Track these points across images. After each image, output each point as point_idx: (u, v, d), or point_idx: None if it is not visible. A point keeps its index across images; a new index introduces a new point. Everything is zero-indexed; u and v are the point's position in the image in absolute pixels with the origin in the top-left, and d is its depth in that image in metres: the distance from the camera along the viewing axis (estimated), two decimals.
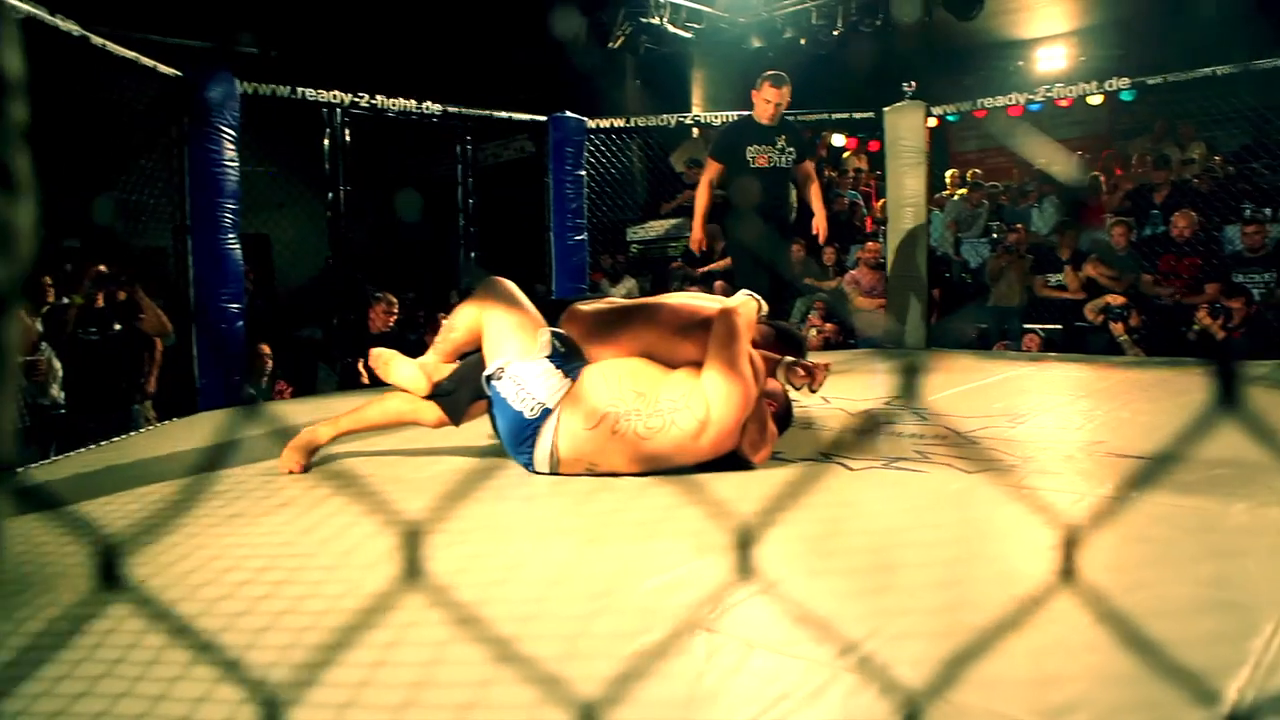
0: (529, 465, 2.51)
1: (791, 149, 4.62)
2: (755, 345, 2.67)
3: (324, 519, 2.23)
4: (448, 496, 2.42)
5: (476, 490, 2.43)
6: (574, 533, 2.03)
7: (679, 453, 2.40)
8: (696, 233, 4.74)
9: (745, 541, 0.65)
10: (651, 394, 2.40)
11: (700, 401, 2.37)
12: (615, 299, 2.89)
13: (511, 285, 2.68)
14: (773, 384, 2.62)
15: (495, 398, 2.53)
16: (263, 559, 1.90)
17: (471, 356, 2.70)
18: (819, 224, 4.72)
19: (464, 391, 2.67)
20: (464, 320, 2.68)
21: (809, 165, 4.74)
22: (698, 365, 2.47)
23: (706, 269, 7.85)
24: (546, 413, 2.43)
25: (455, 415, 2.71)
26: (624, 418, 2.39)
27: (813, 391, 2.69)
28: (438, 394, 2.70)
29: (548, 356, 2.52)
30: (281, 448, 2.81)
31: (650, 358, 2.56)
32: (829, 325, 7.08)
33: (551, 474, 2.49)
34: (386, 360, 2.75)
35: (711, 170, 4.67)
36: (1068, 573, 0.63)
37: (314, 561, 1.87)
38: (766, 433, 2.47)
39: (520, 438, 2.48)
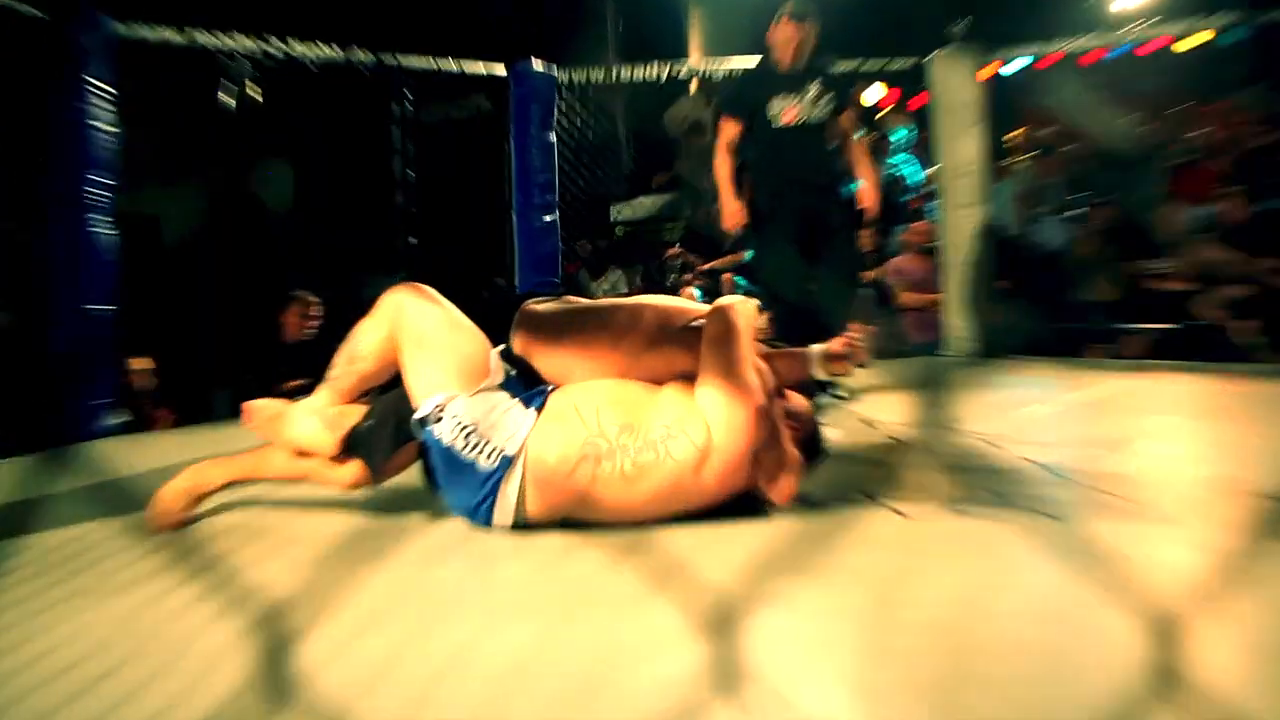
0: (486, 524, 2.44)
1: (828, 96, 4.46)
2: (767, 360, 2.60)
3: (178, 605, 2.11)
4: (368, 558, 2.34)
5: (407, 549, 2.36)
6: (541, 607, 1.95)
7: (677, 491, 2.35)
8: (729, 206, 4.55)
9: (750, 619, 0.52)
10: (640, 424, 2.36)
11: (698, 424, 2.34)
12: (571, 298, 2.79)
13: (432, 291, 2.61)
14: (793, 400, 2.55)
15: (434, 447, 2.43)
16: (82, 652, 1.78)
17: (388, 393, 2.61)
18: (866, 195, 4.58)
19: (383, 436, 2.57)
20: (370, 343, 2.56)
21: (848, 117, 4.60)
22: (690, 380, 2.45)
23: (710, 265, 7.76)
24: (508, 462, 2.36)
25: (376, 467, 2.61)
26: (606, 458, 2.34)
27: (859, 366, 2.72)
28: (352, 448, 2.60)
29: (501, 385, 2.46)
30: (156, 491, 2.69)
31: (632, 374, 2.52)
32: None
33: (515, 527, 2.42)
34: (272, 417, 2.63)
35: (729, 131, 4.52)
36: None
37: (144, 662, 1.75)
38: (787, 460, 2.39)
39: (474, 496, 2.40)
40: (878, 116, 9.63)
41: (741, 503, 2.42)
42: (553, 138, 6.71)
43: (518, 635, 1.80)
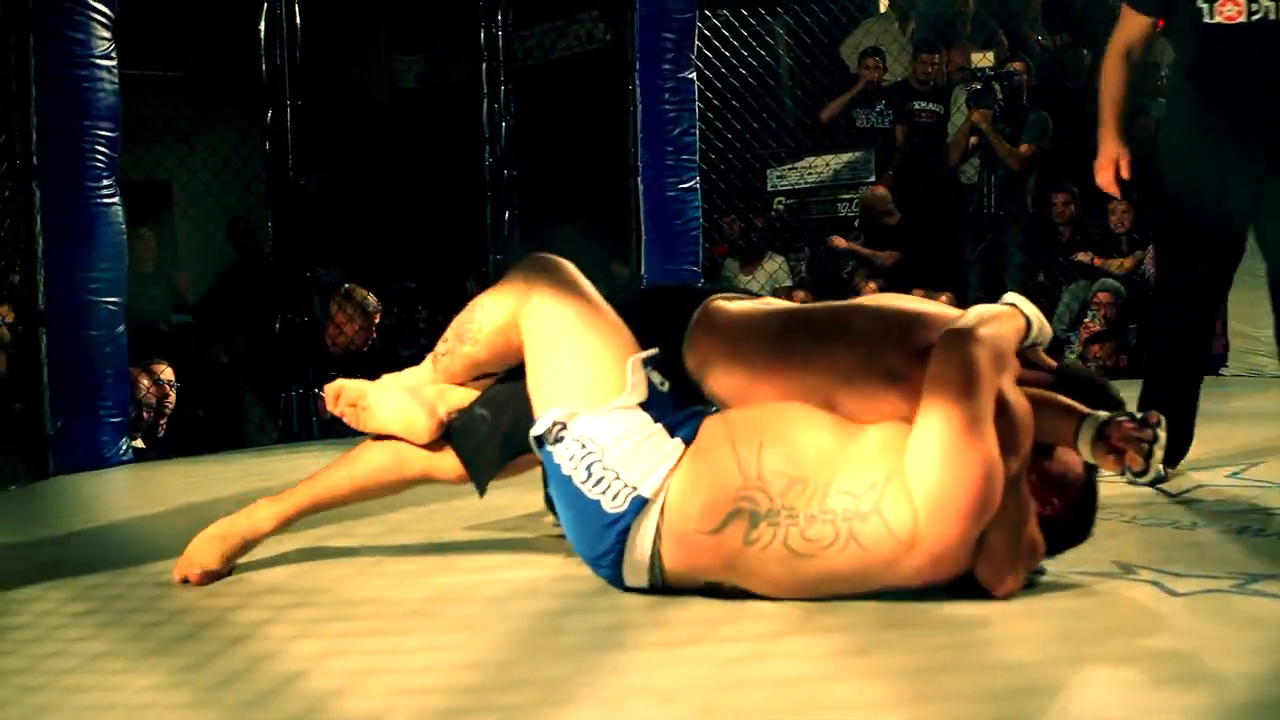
0: (614, 580, 2.50)
1: None
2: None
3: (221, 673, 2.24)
4: (454, 628, 2.42)
5: (508, 620, 2.44)
6: (677, 695, 1.99)
7: (863, 581, 2.36)
8: (1108, 149, 3.98)
9: None
10: (819, 481, 2.32)
11: (902, 501, 2.27)
12: (767, 298, 2.83)
13: (575, 271, 2.66)
14: (1062, 463, 2.48)
15: (552, 473, 2.51)
16: None
17: (510, 382, 2.70)
18: None
19: (493, 440, 2.66)
20: (491, 322, 2.66)
21: None
22: (904, 423, 2.38)
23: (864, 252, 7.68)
24: (641, 504, 2.40)
25: (480, 473, 2.73)
26: (766, 520, 2.33)
27: (1138, 476, 2.51)
28: (453, 434, 2.72)
29: (643, 404, 2.48)
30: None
31: (828, 405, 2.47)
32: (1099, 345, 6.87)
33: (651, 589, 2.47)
34: (357, 397, 2.77)
35: (1131, 27, 3.95)
36: None
37: None
38: (1022, 548, 2.35)
39: (598, 544, 2.46)
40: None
41: None
42: (692, 77, 6.78)
43: None
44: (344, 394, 2.80)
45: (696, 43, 6.84)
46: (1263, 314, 5.83)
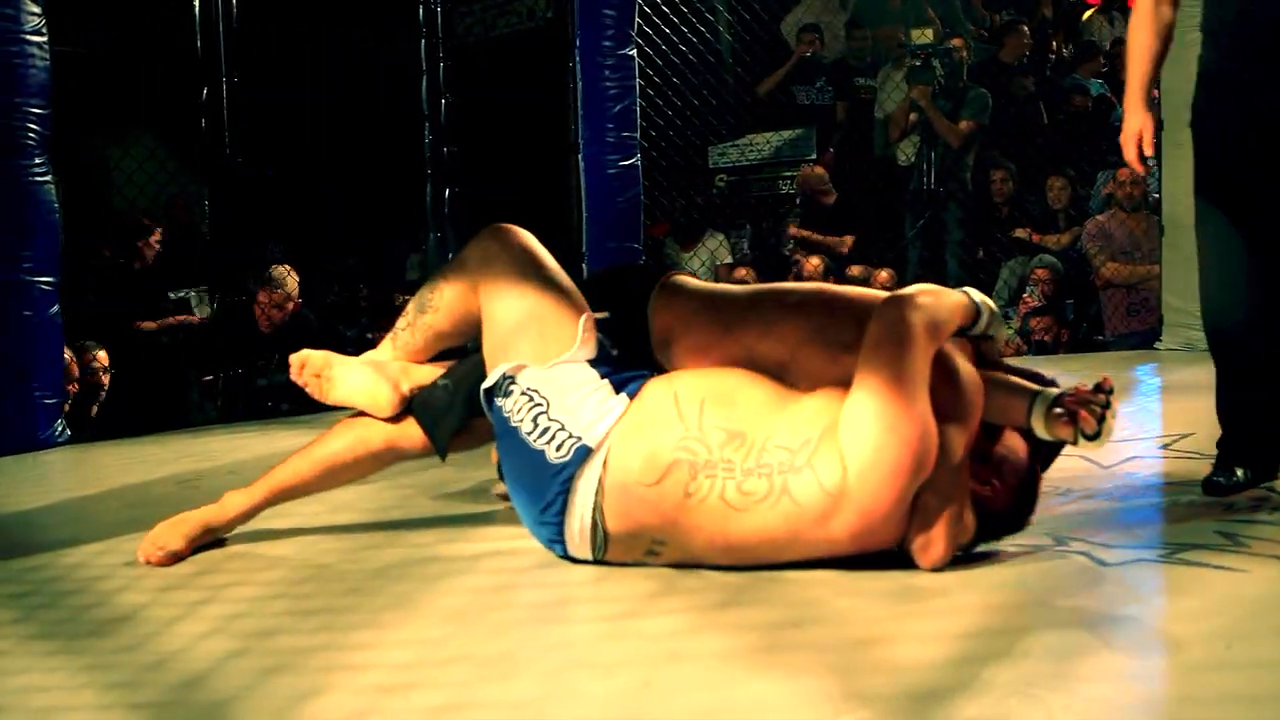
0: (558, 545, 2.53)
1: None
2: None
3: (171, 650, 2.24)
4: (394, 605, 2.42)
5: (448, 596, 2.45)
6: (616, 668, 2.01)
7: (794, 541, 2.38)
8: (1133, 120, 3.42)
9: None
10: (755, 436, 2.37)
11: (834, 457, 2.31)
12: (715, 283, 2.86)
13: (531, 238, 2.72)
14: (1008, 447, 2.50)
15: (500, 425, 2.55)
16: None
17: (474, 356, 2.73)
18: None
19: (455, 400, 2.69)
20: (448, 293, 2.70)
21: None
22: (845, 388, 2.41)
23: (824, 241, 7.69)
24: (585, 453, 2.43)
25: (440, 437, 2.75)
26: (704, 471, 2.36)
27: (1091, 439, 2.52)
28: (417, 407, 2.75)
29: (590, 361, 2.53)
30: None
31: (783, 371, 2.52)
32: (1040, 318, 6.95)
33: (595, 561, 2.50)
34: (322, 367, 2.78)
35: None
36: None
37: None
38: (949, 521, 2.38)
39: (541, 496, 2.48)
40: (1084, 18, 9.56)
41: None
42: (633, 54, 6.78)
43: (585, 705, 1.88)
44: (309, 364, 2.80)
45: (637, 19, 6.83)
46: (1196, 289, 5.93)
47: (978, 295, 2.56)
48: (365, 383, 2.75)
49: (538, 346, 2.54)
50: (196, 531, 2.80)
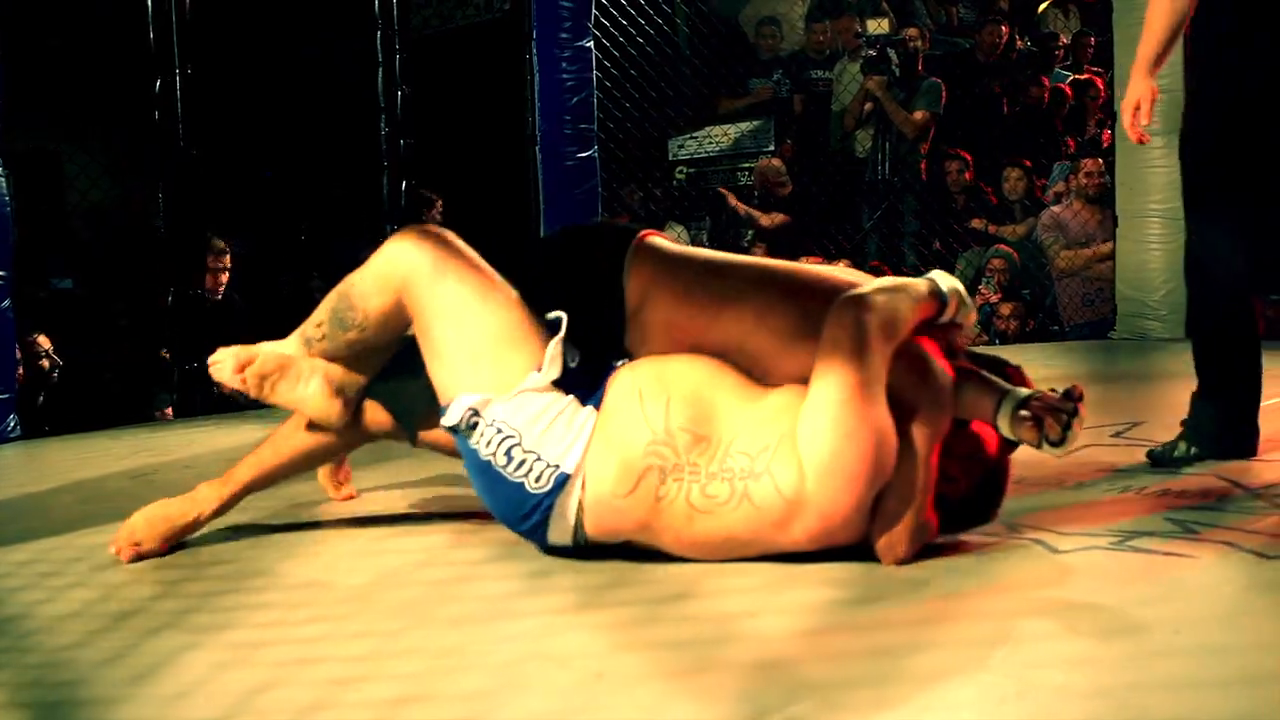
0: (540, 543, 2.53)
1: None
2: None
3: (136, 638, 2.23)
4: (347, 598, 2.42)
5: (401, 589, 2.46)
6: (569, 660, 2.02)
7: (754, 542, 2.40)
8: (1133, 88, 3.39)
9: None
10: (720, 439, 2.38)
11: (791, 464, 2.31)
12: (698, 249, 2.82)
13: (454, 239, 2.61)
14: (978, 440, 2.50)
15: (470, 457, 2.52)
16: None
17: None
18: None
19: (423, 386, 2.60)
20: (370, 311, 2.59)
21: None
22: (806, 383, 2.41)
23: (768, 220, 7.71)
24: (564, 480, 2.42)
25: (411, 428, 2.75)
26: (673, 475, 2.38)
27: (1055, 445, 2.53)
28: (383, 393, 2.73)
29: (555, 381, 2.48)
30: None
31: (739, 362, 2.51)
32: (1009, 304, 7.01)
33: (575, 545, 2.50)
34: (271, 371, 2.69)
35: None
36: None
37: None
38: (913, 522, 2.38)
39: (524, 520, 2.49)
40: (1040, 9, 9.60)
41: None
42: (589, 45, 6.78)
43: (541, 697, 1.88)
44: (258, 365, 2.68)
45: (594, 11, 6.82)
46: (1149, 279, 6.00)
47: (945, 281, 2.53)
48: (316, 395, 2.67)
49: (497, 373, 2.47)
50: (174, 530, 2.76)
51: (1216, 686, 1.78)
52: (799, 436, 2.31)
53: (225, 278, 6.06)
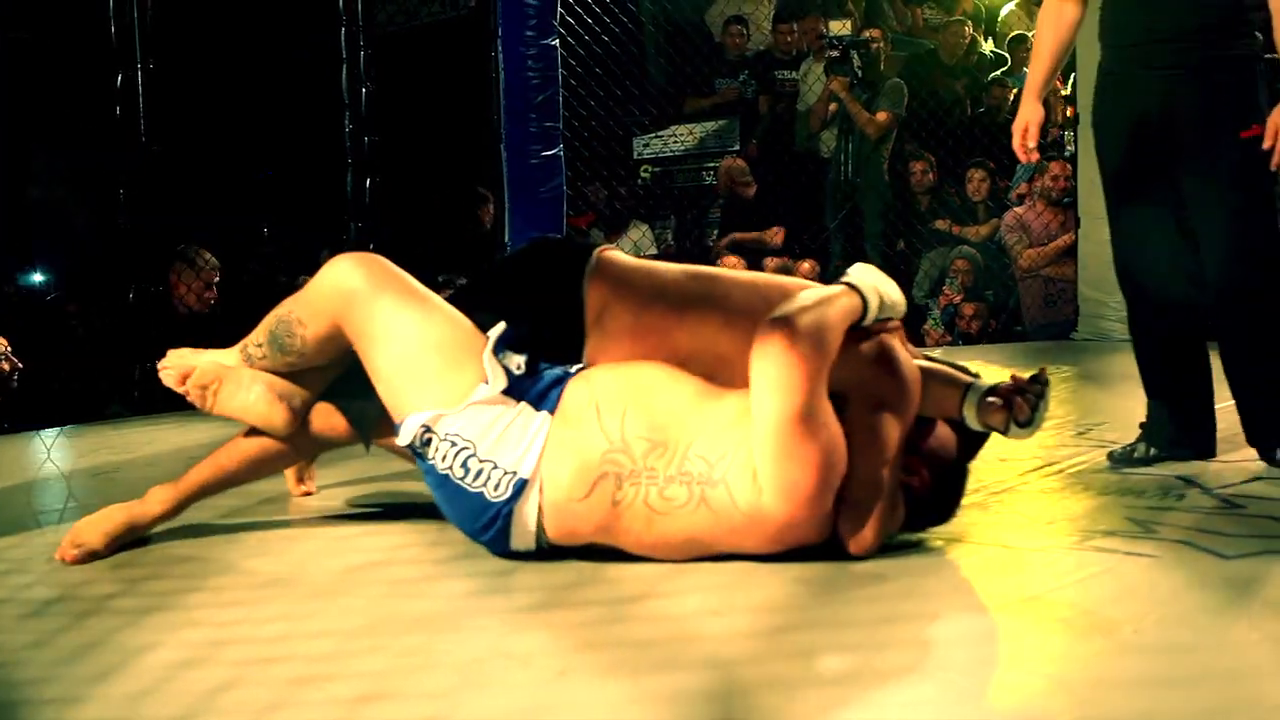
0: (502, 551, 2.53)
1: None
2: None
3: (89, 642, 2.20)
4: (309, 596, 2.42)
5: (365, 587, 2.46)
6: (532, 658, 2.03)
7: (714, 544, 2.42)
8: (1022, 112, 3.50)
9: None
10: (676, 444, 2.39)
11: (746, 476, 2.33)
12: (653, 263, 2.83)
13: (387, 264, 2.64)
14: (941, 437, 2.53)
15: (428, 471, 2.53)
16: None
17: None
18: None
19: (367, 396, 2.63)
20: (314, 333, 2.62)
21: None
22: None
23: (753, 236, 7.70)
24: (522, 485, 2.44)
25: (365, 429, 2.74)
26: (629, 480, 2.39)
27: (1023, 426, 2.55)
28: (338, 399, 2.74)
29: (505, 390, 2.49)
30: None
31: (702, 368, 2.52)
32: (972, 305, 7.05)
33: (539, 549, 2.50)
34: (211, 380, 2.70)
35: None
36: None
37: None
38: (880, 510, 2.39)
39: (485, 529, 2.50)
40: (1003, 13, 9.64)
41: None
42: (554, 43, 6.77)
43: (502, 696, 1.88)
44: (196, 375, 2.70)
45: (560, 9, 6.81)
46: (1111, 280, 6.00)
47: (863, 279, 2.50)
48: (259, 403, 2.67)
49: (445, 389, 2.48)
50: (119, 530, 2.74)
51: (1178, 684, 1.80)
52: (754, 449, 2.32)
53: (211, 294, 5.98)
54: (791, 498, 2.29)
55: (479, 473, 2.44)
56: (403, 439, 2.51)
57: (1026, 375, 2.59)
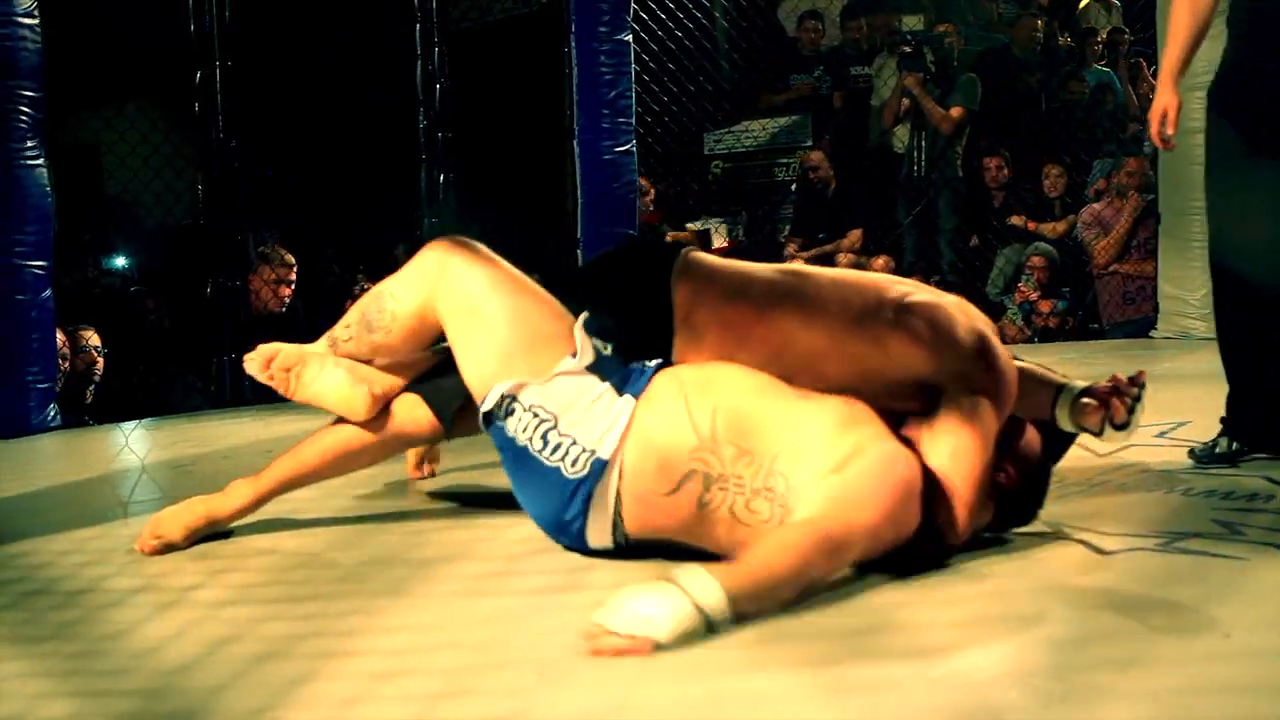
0: (581, 547, 2.51)
1: None
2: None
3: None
4: (385, 591, 2.42)
5: (441, 578, 2.45)
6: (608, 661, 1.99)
7: None
8: (1158, 98, 3.39)
9: None
10: (763, 453, 2.35)
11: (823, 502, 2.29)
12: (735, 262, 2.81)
13: (483, 248, 2.67)
14: (1028, 436, 2.51)
15: (506, 446, 2.53)
16: None
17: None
18: None
19: (451, 385, 2.65)
20: (404, 309, 2.65)
21: None
22: (849, 401, 2.41)
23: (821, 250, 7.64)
24: (602, 466, 2.41)
25: (447, 419, 2.75)
26: (717, 484, 2.36)
27: (1119, 429, 2.53)
28: (424, 389, 2.75)
29: (589, 366, 2.49)
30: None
31: (787, 365, 2.47)
32: (1048, 301, 6.98)
33: (616, 547, 2.49)
34: (294, 364, 2.74)
35: None
36: None
37: None
38: (973, 504, 2.36)
39: (561, 509, 2.47)
40: (1081, 5, 9.53)
41: None
42: (629, 39, 6.76)
43: (571, 695, 1.86)
44: (280, 359, 2.74)
45: (633, 4, 6.81)
46: (1192, 276, 5.95)
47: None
48: (340, 385, 2.70)
49: (532, 361, 2.50)
50: (199, 523, 2.76)
51: (1270, 690, 1.76)
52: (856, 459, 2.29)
53: (288, 291, 6.05)
54: (871, 536, 2.25)
55: (557, 446, 2.43)
56: (485, 406, 2.52)
57: (1116, 377, 2.57)
